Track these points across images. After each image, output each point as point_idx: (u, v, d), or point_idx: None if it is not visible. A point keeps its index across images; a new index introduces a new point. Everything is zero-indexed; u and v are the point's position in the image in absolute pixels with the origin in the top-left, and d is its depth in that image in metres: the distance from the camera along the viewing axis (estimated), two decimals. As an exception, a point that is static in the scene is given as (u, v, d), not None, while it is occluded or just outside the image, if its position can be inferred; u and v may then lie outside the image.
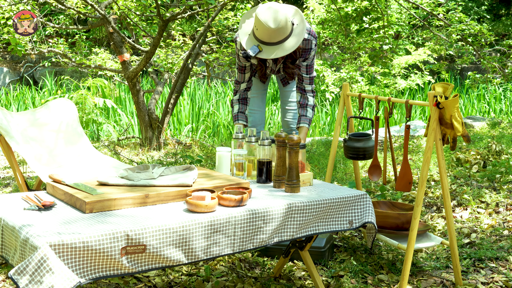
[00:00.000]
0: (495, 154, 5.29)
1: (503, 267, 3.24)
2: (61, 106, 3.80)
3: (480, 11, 12.45)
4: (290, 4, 3.59)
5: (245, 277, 3.08)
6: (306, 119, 3.60)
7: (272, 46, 3.28)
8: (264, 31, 3.22)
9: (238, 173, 2.86)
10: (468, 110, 9.11)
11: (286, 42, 3.27)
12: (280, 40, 3.26)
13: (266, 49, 3.28)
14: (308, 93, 3.56)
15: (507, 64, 6.75)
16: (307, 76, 3.53)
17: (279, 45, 3.28)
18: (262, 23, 3.20)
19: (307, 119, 3.60)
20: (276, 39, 3.25)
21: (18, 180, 3.38)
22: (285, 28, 3.23)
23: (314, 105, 3.61)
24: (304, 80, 3.54)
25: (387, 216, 3.13)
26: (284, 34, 3.25)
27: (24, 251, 1.95)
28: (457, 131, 2.82)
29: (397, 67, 9.35)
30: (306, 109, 3.58)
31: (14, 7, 5.61)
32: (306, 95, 3.56)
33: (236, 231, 2.28)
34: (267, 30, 3.20)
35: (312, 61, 3.51)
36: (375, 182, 4.73)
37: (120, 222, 2.10)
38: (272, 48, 3.28)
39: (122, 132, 7.35)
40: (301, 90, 3.57)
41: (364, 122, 7.95)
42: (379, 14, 8.16)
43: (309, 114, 3.59)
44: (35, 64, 11.59)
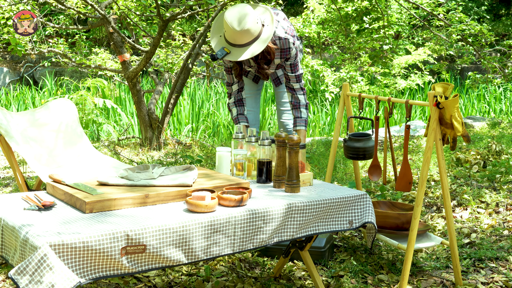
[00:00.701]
0: (495, 154, 5.29)
1: (503, 267, 3.24)
2: (61, 106, 3.80)
3: (480, 11, 12.45)
4: (289, 5, 3.59)
5: (245, 277, 3.08)
6: (301, 120, 3.59)
7: (240, 48, 3.26)
8: (230, 33, 3.22)
9: (238, 173, 2.86)
10: (468, 110, 9.11)
11: (253, 45, 3.26)
12: (247, 42, 3.24)
13: (233, 51, 3.26)
14: (298, 91, 3.55)
15: (507, 64, 6.75)
16: (293, 75, 3.52)
17: (246, 47, 3.26)
18: (228, 25, 3.20)
19: (303, 121, 3.59)
20: (243, 41, 3.24)
21: (18, 180, 3.38)
22: (252, 30, 3.21)
23: (306, 103, 3.59)
24: (290, 79, 3.53)
25: (387, 216, 3.13)
26: (251, 36, 3.23)
27: (24, 251, 1.95)
28: (457, 131, 2.82)
29: (397, 67, 9.35)
30: (300, 110, 3.57)
31: (14, 7, 5.61)
32: (296, 94, 3.55)
33: (236, 231, 2.28)
34: (232, 32, 3.20)
35: (296, 59, 3.48)
36: (375, 182, 4.73)
37: (120, 222, 2.10)
38: (239, 50, 3.26)
39: (122, 132, 7.35)
40: (290, 89, 3.56)
41: (364, 122, 7.95)
42: (379, 14, 8.17)
43: (304, 114, 3.58)
44: (35, 64, 11.59)
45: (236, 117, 3.69)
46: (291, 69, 3.51)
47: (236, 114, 3.68)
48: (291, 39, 3.41)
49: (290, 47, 3.41)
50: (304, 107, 3.58)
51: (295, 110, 3.59)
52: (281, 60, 3.48)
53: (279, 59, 3.47)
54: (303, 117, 3.58)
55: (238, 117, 3.68)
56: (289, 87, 3.56)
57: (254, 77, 3.74)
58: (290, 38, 3.40)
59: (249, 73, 3.72)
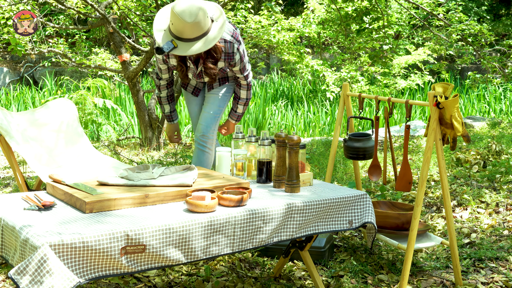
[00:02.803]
0: (495, 154, 5.29)
1: (503, 267, 3.24)
2: (61, 106, 3.80)
3: (480, 11, 12.45)
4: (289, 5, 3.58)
5: (245, 277, 3.08)
6: (234, 115, 3.69)
7: (188, 43, 3.11)
8: (179, 26, 3.06)
9: (238, 173, 2.86)
10: (468, 110, 9.11)
11: (203, 38, 3.12)
12: (196, 37, 3.10)
13: (181, 45, 3.11)
14: (242, 87, 3.57)
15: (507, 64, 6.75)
16: (243, 76, 3.53)
17: (194, 42, 3.11)
18: (177, 17, 3.03)
19: (236, 115, 3.69)
20: (193, 35, 3.09)
21: (18, 180, 3.38)
22: (202, 24, 3.08)
23: (247, 99, 3.62)
24: (240, 78, 3.55)
25: (387, 216, 3.13)
26: (201, 30, 3.09)
27: (24, 251, 1.95)
28: (457, 131, 2.82)
29: (397, 67, 9.36)
30: (237, 105, 3.64)
31: (14, 7, 5.61)
32: (239, 88, 3.58)
33: (236, 231, 2.28)
34: (182, 24, 3.04)
35: (242, 63, 3.43)
36: (375, 182, 4.73)
37: (120, 222, 2.10)
38: (187, 44, 3.11)
39: (122, 132, 7.35)
40: (237, 82, 3.59)
41: (364, 122, 7.95)
42: (379, 14, 8.17)
43: (239, 110, 3.66)
44: (35, 64, 11.59)
45: (169, 114, 3.73)
46: (241, 72, 3.50)
47: (169, 111, 3.71)
48: (236, 44, 3.32)
49: (234, 52, 3.33)
50: (244, 103, 3.63)
51: (234, 102, 3.66)
52: (224, 64, 3.38)
53: (223, 63, 3.37)
54: (238, 112, 3.67)
55: (171, 114, 3.74)
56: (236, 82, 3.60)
57: (193, 90, 3.69)
58: (235, 44, 3.32)
59: (188, 84, 3.67)
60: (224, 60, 3.36)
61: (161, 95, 3.67)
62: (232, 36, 3.32)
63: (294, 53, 8.54)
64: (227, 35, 3.30)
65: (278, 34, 7.93)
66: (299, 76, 10.20)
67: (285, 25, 8.25)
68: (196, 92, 3.70)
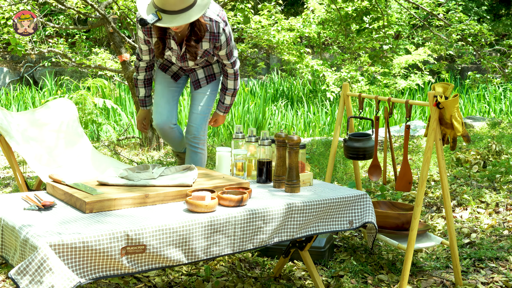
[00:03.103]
0: (495, 154, 5.29)
1: (503, 267, 3.24)
2: (61, 106, 3.80)
3: (480, 11, 12.45)
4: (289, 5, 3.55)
5: (245, 277, 3.08)
6: (222, 106, 3.58)
7: (172, 15, 3.04)
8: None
9: (238, 173, 2.86)
10: (468, 110, 9.11)
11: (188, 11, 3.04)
12: (181, 9, 3.03)
13: (165, 17, 3.04)
14: (229, 76, 3.47)
15: (507, 64, 6.75)
16: (229, 62, 3.40)
17: (179, 13, 3.04)
18: None
19: (224, 107, 3.58)
20: (177, 7, 3.01)
21: (18, 180, 3.38)
22: None
23: (234, 89, 3.51)
24: (226, 65, 3.43)
25: (387, 216, 3.13)
26: (185, 3, 3.02)
27: (24, 251, 1.95)
28: (457, 131, 2.82)
29: (397, 67, 9.36)
30: (225, 96, 3.54)
31: (14, 7, 5.61)
32: (227, 79, 3.48)
33: (236, 231, 2.28)
34: None
35: (228, 47, 3.32)
36: (375, 182, 4.73)
37: (120, 222, 2.10)
38: (172, 17, 3.04)
39: (122, 132, 7.35)
40: (223, 71, 3.49)
41: (364, 122, 7.95)
42: (379, 14, 8.17)
43: (227, 101, 3.55)
44: (35, 64, 11.59)
45: (143, 99, 3.60)
46: (227, 58, 3.37)
47: (144, 95, 3.59)
48: (221, 24, 3.23)
49: (219, 32, 3.22)
50: (231, 94, 3.52)
51: (221, 93, 3.55)
52: (209, 46, 3.27)
53: (207, 43, 3.26)
54: (226, 103, 3.56)
55: (145, 99, 3.60)
56: (223, 71, 3.48)
57: (173, 74, 3.56)
58: (221, 23, 3.23)
59: (169, 68, 3.54)
60: (209, 40, 3.25)
61: (139, 77, 3.57)
62: (218, 15, 3.23)
63: (294, 53, 8.54)
64: (212, 13, 3.21)
65: (278, 34, 7.93)
66: (299, 76, 10.20)
67: (285, 25, 8.25)
68: (176, 78, 3.58)
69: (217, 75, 3.56)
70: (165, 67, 3.56)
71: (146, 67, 3.53)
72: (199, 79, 3.53)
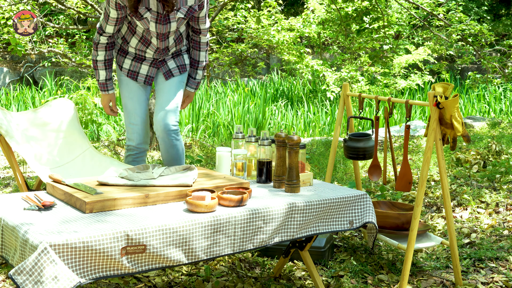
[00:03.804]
0: (495, 154, 5.29)
1: (503, 267, 3.24)
2: (61, 106, 3.80)
3: (480, 11, 12.45)
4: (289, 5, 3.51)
5: (245, 277, 3.08)
6: (194, 82, 3.39)
7: None
8: None
9: (238, 173, 2.86)
10: (468, 110, 9.11)
11: None
12: None
13: None
14: (202, 46, 3.29)
15: (507, 64, 6.75)
16: (205, 27, 3.22)
17: None
18: None
19: (195, 83, 3.39)
20: None
21: (18, 180, 3.38)
22: None
23: (205, 61, 3.33)
24: (201, 31, 3.23)
25: (387, 216, 3.13)
26: None
27: (24, 251, 1.95)
28: (457, 131, 2.82)
29: (397, 67, 9.36)
30: (197, 71, 3.36)
31: (14, 7, 5.61)
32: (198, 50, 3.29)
33: (236, 231, 2.28)
34: None
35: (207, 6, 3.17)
36: (375, 182, 4.73)
37: (120, 222, 2.10)
38: None
39: (122, 132, 7.35)
40: (194, 42, 3.30)
41: (364, 122, 7.95)
42: (379, 14, 8.17)
43: (199, 76, 3.37)
44: (35, 64, 11.59)
45: (104, 82, 3.27)
46: (204, 19, 3.19)
47: (105, 78, 3.26)
48: None
49: None
50: (202, 67, 3.34)
51: (191, 69, 3.35)
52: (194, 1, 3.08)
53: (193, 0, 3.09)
54: (197, 78, 3.38)
55: (107, 83, 3.28)
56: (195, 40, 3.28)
57: (145, 78, 3.30)
58: None
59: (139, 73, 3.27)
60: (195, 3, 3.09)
61: (98, 57, 3.21)
62: None
63: (294, 53, 8.54)
64: None
65: (278, 34, 7.93)
66: (299, 76, 10.20)
67: (285, 25, 8.25)
68: (149, 81, 3.32)
69: (187, 66, 3.37)
70: (134, 74, 3.29)
71: (106, 44, 3.19)
72: (171, 69, 3.31)
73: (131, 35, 3.21)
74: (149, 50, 3.24)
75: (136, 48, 3.25)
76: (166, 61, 3.32)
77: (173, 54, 3.33)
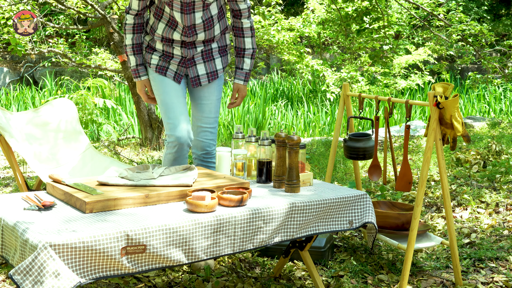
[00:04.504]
0: (495, 154, 5.29)
1: (503, 267, 3.24)
2: (61, 105, 3.81)
3: (480, 11, 12.46)
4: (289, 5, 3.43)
5: (245, 277, 3.08)
6: (241, 73, 3.02)
7: None
8: None
9: (238, 173, 2.86)
10: (468, 110, 9.12)
11: None
12: None
13: None
14: (246, 32, 2.95)
15: (507, 64, 6.75)
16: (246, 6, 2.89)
17: None
18: None
19: (243, 74, 3.01)
20: None
21: (18, 180, 3.38)
22: None
23: (253, 48, 2.98)
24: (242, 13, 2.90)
25: (387, 216, 3.13)
26: None
27: (24, 251, 1.95)
28: (457, 131, 2.82)
29: (397, 67, 9.37)
30: (243, 59, 3.00)
31: (14, 7, 5.61)
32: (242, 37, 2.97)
33: (236, 231, 2.28)
34: None
35: None
36: (375, 182, 4.73)
37: (120, 222, 2.10)
38: None
39: (122, 132, 7.35)
40: (236, 29, 3.01)
41: (364, 122, 7.95)
42: (380, 14, 8.17)
43: (246, 66, 2.99)
44: (35, 64, 11.59)
45: (135, 68, 3.07)
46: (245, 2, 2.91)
47: (136, 64, 3.07)
48: None
49: None
50: (250, 56, 2.96)
51: (237, 58, 3.01)
52: None
53: None
54: (245, 68, 3.00)
55: (138, 69, 3.08)
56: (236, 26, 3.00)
57: (174, 75, 3.06)
58: None
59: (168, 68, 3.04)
60: None
61: (126, 41, 3.04)
62: None
63: (294, 53, 8.55)
64: None
65: (278, 34, 7.94)
66: (299, 76, 10.20)
67: (285, 25, 8.26)
68: (178, 78, 3.07)
69: (219, 72, 3.12)
70: (163, 68, 3.09)
71: (134, 25, 3.03)
72: (199, 75, 3.08)
73: (157, 21, 3.02)
74: (176, 33, 2.98)
75: (163, 36, 3.01)
76: (196, 62, 3.06)
77: (203, 53, 3.06)
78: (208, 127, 3.12)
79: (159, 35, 3.03)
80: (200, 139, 3.13)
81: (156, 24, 3.03)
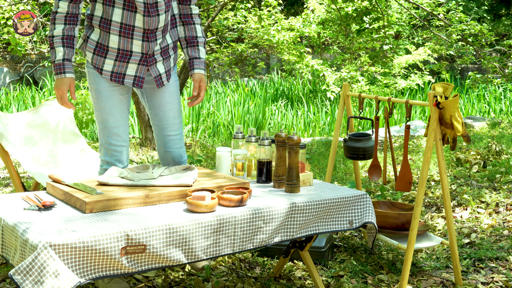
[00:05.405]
0: (495, 154, 5.29)
1: (503, 267, 3.24)
2: (58, 106, 3.80)
3: (480, 11, 12.46)
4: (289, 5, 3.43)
5: (245, 277, 3.08)
6: (200, 62, 2.81)
7: None
8: None
9: (238, 173, 2.86)
10: (468, 110, 9.11)
11: None
12: None
13: None
14: (195, 18, 2.78)
15: (507, 64, 6.75)
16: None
17: None
18: None
19: (202, 63, 2.80)
20: None
21: (15, 182, 3.38)
22: None
23: (204, 38, 2.80)
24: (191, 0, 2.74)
25: (387, 216, 3.13)
26: None
27: (24, 251, 1.95)
28: (457, 131, 2.82)
29: (397, 67, 9.37)
30: (197, 48, 2.80)
31: (14, 7, 5.61)
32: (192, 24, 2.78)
33: (236, 231, 2.28)
34: None
35: None
36: (375, 182, 4.73)
37: (120, 222, 2.10)
38: None
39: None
40: (185, 16, 2.80)
41: (364, 122, 7.95)
42: (380, 14, 8.16)
43: (203, 54, 2.79)
44: (35, 64, 11.59)
45: (61, 62, 2.63)
46: None
47: (62, 58, 2.63)
48: None
49: None
50: (203, 44, 2.78)
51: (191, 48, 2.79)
52: None
53: None
54: (202, 57, 2.80)
55: (64, 64, 2.63)
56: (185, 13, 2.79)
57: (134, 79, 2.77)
58: None
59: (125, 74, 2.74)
60: None
61: (54, 31, 2.62)
62: None
63: (294, 53, 8.54)
64: None
65: (278, 34, 7.93)
66: (299, 76, 10.20)
67: (285, 25, 8.25)
68: (139, 83, 2.77)
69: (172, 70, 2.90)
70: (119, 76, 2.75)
71: (66, 15, 2.64)
72: (161, 74, 2.83)
73: (110, 7, 2.64)
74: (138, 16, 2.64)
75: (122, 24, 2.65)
76: (156, 59, 2.79)
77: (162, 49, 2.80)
78: (176, 134, 2.91)
79: (117, 24, 2.65)
80: (169, 149, 2.92)
81: (109, 11, 2.64)
